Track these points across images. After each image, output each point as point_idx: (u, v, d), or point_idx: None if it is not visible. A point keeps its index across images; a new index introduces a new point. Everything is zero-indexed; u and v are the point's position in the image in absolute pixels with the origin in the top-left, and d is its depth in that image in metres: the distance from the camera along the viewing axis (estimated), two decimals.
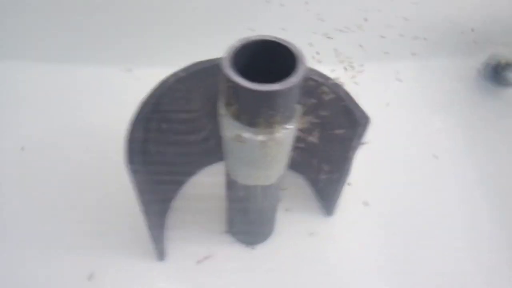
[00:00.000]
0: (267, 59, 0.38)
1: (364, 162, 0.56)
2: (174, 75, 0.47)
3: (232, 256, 0.60)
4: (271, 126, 0.37)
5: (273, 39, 0.37)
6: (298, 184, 0.68)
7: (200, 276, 0.58)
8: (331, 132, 0.50)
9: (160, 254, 0.57)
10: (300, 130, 0.51)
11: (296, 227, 0.63)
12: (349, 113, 0.47)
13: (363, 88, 0.72)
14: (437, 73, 0.83)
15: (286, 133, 0.38)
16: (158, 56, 0.80)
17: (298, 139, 0.46)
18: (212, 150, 0.64)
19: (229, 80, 0.34)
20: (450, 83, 0.82)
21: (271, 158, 0.41)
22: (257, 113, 0.36)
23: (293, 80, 0.34)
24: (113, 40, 0.81)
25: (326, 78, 0.48)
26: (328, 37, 0.68)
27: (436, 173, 0.71)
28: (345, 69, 0.77)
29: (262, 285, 0.58)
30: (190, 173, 0.66)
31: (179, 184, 0.64)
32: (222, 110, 0.39)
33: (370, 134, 0.48)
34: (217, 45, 0.67)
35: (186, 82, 0.48)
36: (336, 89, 0.48)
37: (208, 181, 0.67)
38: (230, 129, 0.38)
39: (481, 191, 0.69)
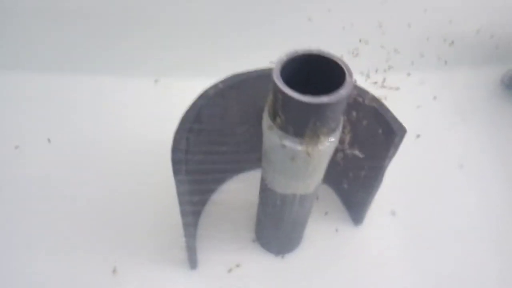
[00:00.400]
0: (308, 71, 0.39)
1: (390, 171, 0.57)
2: (214, 87, 0.49)
3: (262, 265, 0.61)
4: (317, 137, 0.38)
5: (319, 53, 0.38)
6: (326, 194, 0.68)
7: (231, 285, 0.58)
8: (366, 143, 0.51)
9: (193, 262, 0.57)
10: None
11: (324, 236, 0.64)
12: (386, 124, 0.47)
13: (388, 97, 0.73)
14: (462, 82, 0.84)
15: (330, 143, 0.39)
16: (184, 67, 0.82)
17: (336, 150, 0.47)
18: (242, 159, 0.65)
19: (279, 92, 0.35)
20: (475, 92, 0.83)
21: (313, 168, 0.42)
22: (305, 125, 0.37)
23: (342, 93, 0.35)
24: (140, 51, 0.82)
25: (362, 90, 0.49)
26: (355, 53, 0.70)
27: (462, 182, 0.71)
28: (370, 78, 0.78)
29: None
30: (220, 181, 0.67)
31: (210, 192, 0.65)
32: (268, 121, 0.40)
33: None
34: (242, 57, 0.69)
35: (224, 93, 0.50)
36: (371, 101, 0.49)
37: (235, 189, 0.68)
38: (275, 139, 0.39)
39: (508, 200, 0.69)
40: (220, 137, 0.56)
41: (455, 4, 0.79)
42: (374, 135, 0.50)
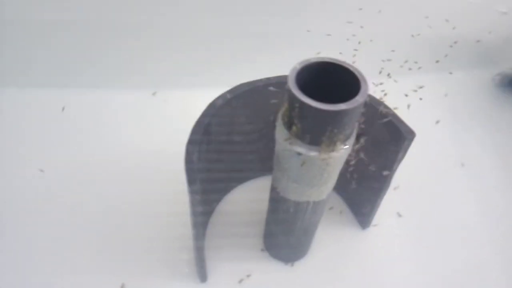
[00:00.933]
0: (319, 79, 0.39)
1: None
2: (222, 97, 0.49)
3: (272, 274, 0.60)
4: (334, 144, 0.38)
5: (332, 61, 0.38)
6: (332, 198, 0.68)
7: None
8: (375, 147, 0.52)
9: (203, 275, 0.57)
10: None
11: (332, 242, 0.64)
12: (394, 128, 0.48)
13: (388, 99, 0.74)
14: (460, 84, 0.86)
15: (345, 150, 0.40)
16: (182, 79, 0.81)
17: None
18: (248, 168, 0.65)
19: (296, 101, 0.35)
20: (473, 93, 0.85)
21: (328, 175, 0.42)
22: (322, 132, 0.37)
23: (359, 99, 0.35)
24: (136, 64, 0.82)
25: (370, 96, 0.50)
26: (355, 57, 0.71)
27: (464, 181, 0.72)
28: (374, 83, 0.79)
29: None
30: (226, 191, 0.66)
31: (216, 202, 0.65)
32: (283, 130, 0.40)
33: None
34: (241, 67, 0.69)
35: (232, 103, 0.50)
36: (379, 106, 0.49)
37: (240, 199, 0.68)
38: (291, 148, 0.39)
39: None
40: (227, 146, 0.56)
41: (453, 9, 0.82)
42: (382, 139, 0.50)
